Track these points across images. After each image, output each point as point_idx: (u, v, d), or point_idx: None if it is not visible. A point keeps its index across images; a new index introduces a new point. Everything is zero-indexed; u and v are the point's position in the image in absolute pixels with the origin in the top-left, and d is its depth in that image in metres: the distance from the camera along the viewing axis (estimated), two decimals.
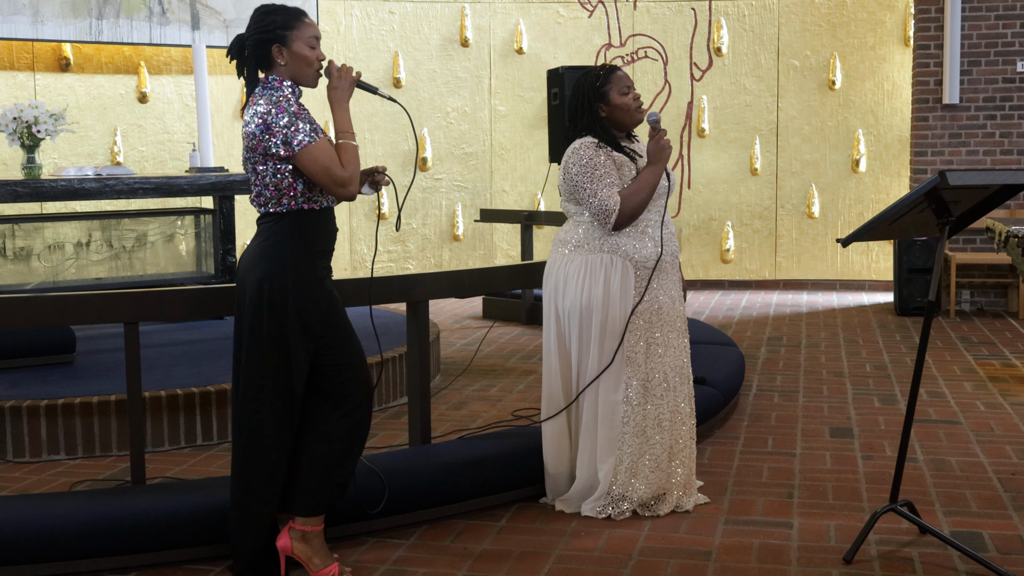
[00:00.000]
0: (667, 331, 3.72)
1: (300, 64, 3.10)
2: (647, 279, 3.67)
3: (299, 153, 3.00)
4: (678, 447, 3.75)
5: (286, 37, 3.08)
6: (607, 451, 3.68)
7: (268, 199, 3.07)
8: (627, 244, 3.67)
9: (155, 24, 8.02)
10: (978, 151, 8.13)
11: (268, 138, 3.00)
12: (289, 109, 3.01)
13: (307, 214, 3.10)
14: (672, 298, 3.75)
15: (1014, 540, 3.45)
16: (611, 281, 3.65)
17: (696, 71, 9.34)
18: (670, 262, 3.75)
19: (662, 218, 3.73)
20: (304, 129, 3.01)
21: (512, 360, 6.41)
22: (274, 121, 2.99)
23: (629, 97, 3.72)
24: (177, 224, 6.87)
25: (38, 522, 3.23)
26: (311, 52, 3.11)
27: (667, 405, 3.71)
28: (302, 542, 3.18)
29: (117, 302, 3.67)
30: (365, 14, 9.10)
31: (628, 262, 3.66)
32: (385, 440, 4.63)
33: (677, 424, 3.74)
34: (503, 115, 9.46)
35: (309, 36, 3.11)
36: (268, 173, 3.04)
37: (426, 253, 9.46)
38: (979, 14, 8.04)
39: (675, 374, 3.74)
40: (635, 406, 3.66)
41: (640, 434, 3.67)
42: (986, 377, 5.83)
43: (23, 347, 5.11)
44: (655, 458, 3.69)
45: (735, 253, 9.44)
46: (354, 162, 3.09)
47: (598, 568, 3.26)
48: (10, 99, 7.59)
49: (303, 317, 3.08)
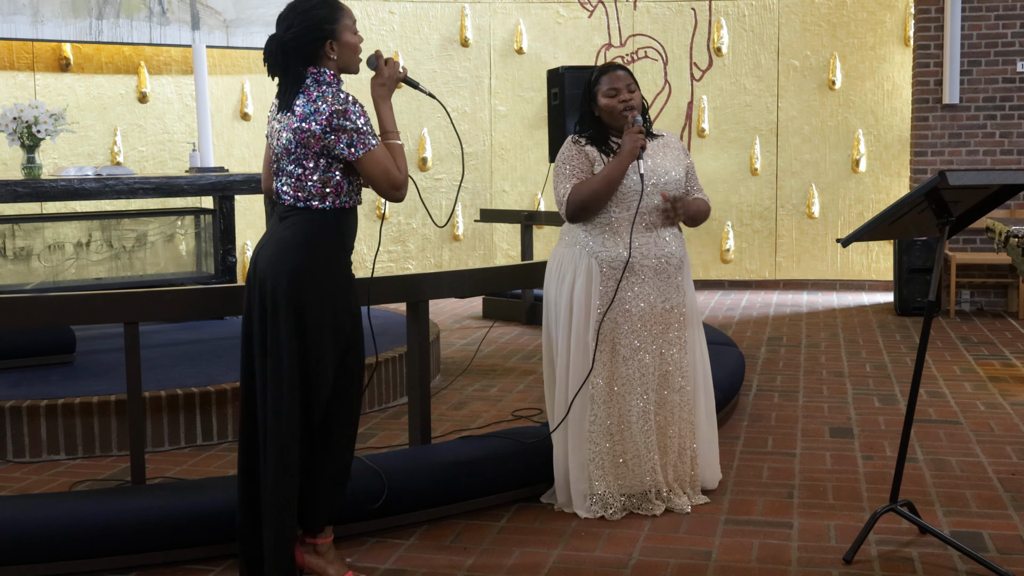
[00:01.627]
0: (640, 335, 3.68)
1: (349, 53, 3.03)
2: (614, 280, 3.65)
3: (363, 157, 2.95)
4: (657, 447, 3.72)
5: (335, 30, 2.99)
6: (577, 447, 3.69)
7: (312, 194, 2.98)
8: (594, 241, 3.68)
9: (155, 24, 8.02)
10: (978, 151, 8.13)
11: (333, 138, 2.93)
12: (356, 111, 2.94)
13: (346, 212, 3.04)
14: (650, 303, 3.68)
15: (1014, 540, 3.45)
16: (577, 276, 3.69)
17: (696, 71, 9.34)
18: (653, 267, 3.69)
19: (632, 218, 3.64)
20: (371, 132, 2.96)
21: (512, 360, 6.40)
22: (342, 123, 2.92)
23: (615, 100, 3.69)
24: (177, 224, 6.87)
25: (38, 522, 3.23)
26: (356, 37, 3.05)
27: (637, 406, 3.68)
28: (315, 555, 3.15)
29: (117, 302, 3.67)
30: (365, 14, 9.09)
31: (593, 259, 3.67)
32: (385, 440, 4.63)
33: (649, 425, 3.69)
34: (503, 115, 9.46)
35: (352, 22, 3.04)
36: (318, 169, 2.97)
37: (426, 253, 9.46)
38: (979, 14, 8.03)
39: (645, 378, 3.68)
40: (600, 404, 3.67)
41: (604, 433, 3.68)
42: (986, 377, 5.83)
43: (23, 347, 5.10)
44: (624, 456, 3.68)
45: (735, 253, 9.44)
46: (405, 163, 3.05)
47: (598, 568, 3.26)
48: (10, 99, 7.59)
49: (337, 315, 3.00)
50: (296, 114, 2.96)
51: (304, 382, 2.98)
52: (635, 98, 3.71)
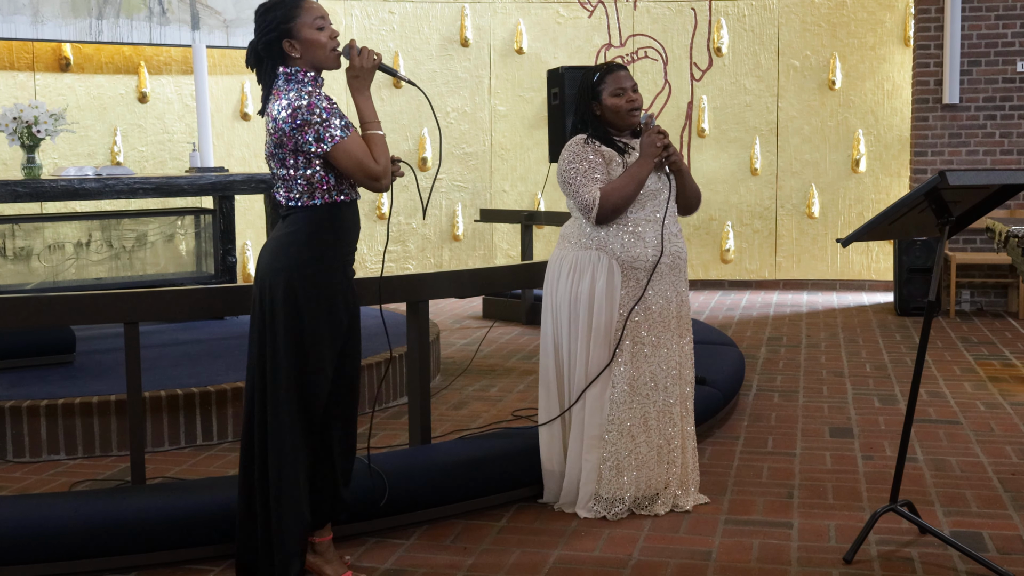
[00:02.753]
0: (658, 332, 3.69)
1: (313, 49, 3.00)
2: (639, 279, 3.65)
3: (332, 149, 2.93)
4: (671, 447, 3.74)
5: (291, 29, 2.99)
6: (591, 448, 3.68)
7: (301, 193, 2.98)
8: (615, 242, 3.65)
9: (155, 24, 8.02)
10: (978, 151, 8.13)
11: (300, 134, 2.92)
12: (320, 104, 2.92)
13: (339, 207, 3.02)
14: (667, 299, 3.70)
15: (1014, 540, 3.45)
16: (597, 279, 3.65)
17: (696, 71, 9.34)
18: (669, 264, 3.70)
19: (663, 218, 3.69)
20: (337, 124, 2.93)
21: (512, 360, 6.40)
22: (306, 117, 2.91)
23: (622, 99, 3.69)
24: (177, 224, 6.87)
25: (38, 522, 3.23)
26: (320, 34, 2.99)
27: (654, 405, 3.69)
28: (313, 554, 3.15)
29: (117, 302, 3.67)
30: (365, 14, 9.09)
31: (615, 261, 3.64)
32: (385, 440, 4.63)
33: (665, 424, 3.71)
34: (503, 115, 9.46)
35: (313, 19, 2.99)
36: (300, 167, 2.97)
37: (426, 253, 9.46)
38: (979, 14, 8.03)
39: (664, 375, 3.70)
40: (620, 404, 3.65)
41: (625, 433, 3.67)
42: (986, 377, 5.83)
43: (23, 347, 5.10)
44: (640, 457, 3.68)
45: (735, 253, 9.44)
46: (385, 153, 3.01)
47: (598, 568, 3.26)
48: (10, 99, 7.58)
49: (333, 312, 3.00)
50: (270, 115, 2.99)
51: (300, 379, 2.98)
52: (639, 98, 3.74)
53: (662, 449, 3.72)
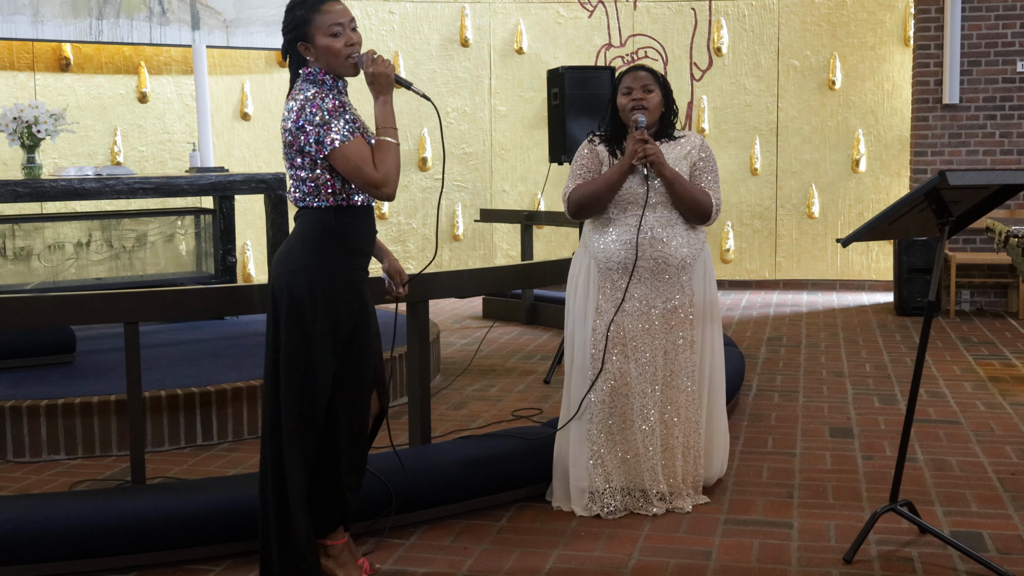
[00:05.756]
0: (639, 334, 3.70)
1: (327, 56, 2.95)
2: (614, 280, 3.70)
3: (331, 153, 2.90)
4: (671, 447, 3.73)
5: (307, 32, 2.94)
6: (577, 445, 3.73)
7: (306, 193, 2.97)
8: (594, 241, 3.78)
9: (155, 24, 8.02)
10: (978, 151, 8.13)
11: (301, 136, 2.91)
12: (324, 106, 2.89)
13: (345, 210, 2.99)
14: (649, 303, 3.71)
15: (1014, 540, 3.45)
16: (579, 277, 3.80)
17: (696, 71, 9.34)
18: (650, 268, 3.70)
19: (638, 222, 3.68)
20: (337, 127, 2.89)
21: (512, 360, 6.41)
22: (307, 119, 2.89)
23: (627, 99, 3.75)
24: (177, 224, 6.87)
25: (38, 522, 3.23)
26: (334, 41, 2.93)
27: (636, 406, 3.70)
28: (327, 557, 3.13)
29: (117, 302, 3.67)
30: (365, 14, 9.09)
31: (592, 260, 3.76)
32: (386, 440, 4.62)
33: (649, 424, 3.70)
34: (503, 115, 9.46)
35: (329, 24, 2.92)
36: (306, 168, 2.95)
37: (426, 253, 9.46)
38: (979, 14, 8.03)
39: (649, 377, 3.70)
40: (599, 403, 3.70)
41: (605, 431, 3.70)
42: (986, 377, 5.83)
43: (23, 347, 5.10)
44: (620, 455, 3.71)
45: (735, 253, 9.44)
46: (388, 161, 2.93)
47: (598, 568, 3.26)
48: (10, 99, 7.59)
49: (333, 317, 2.97)
50: (283, 114, 2.99)
51: (301, 382, 2.98)
52: (649, 99, 3.72)
53: (646, 449, 3.70)
